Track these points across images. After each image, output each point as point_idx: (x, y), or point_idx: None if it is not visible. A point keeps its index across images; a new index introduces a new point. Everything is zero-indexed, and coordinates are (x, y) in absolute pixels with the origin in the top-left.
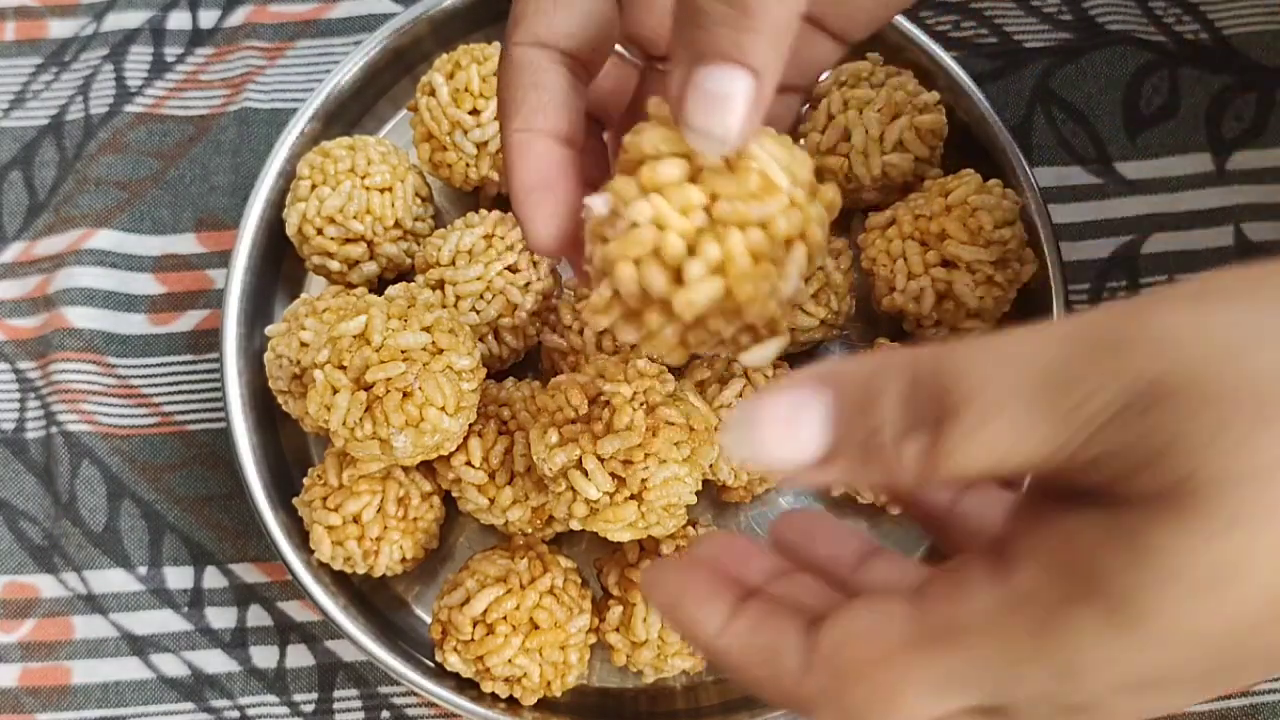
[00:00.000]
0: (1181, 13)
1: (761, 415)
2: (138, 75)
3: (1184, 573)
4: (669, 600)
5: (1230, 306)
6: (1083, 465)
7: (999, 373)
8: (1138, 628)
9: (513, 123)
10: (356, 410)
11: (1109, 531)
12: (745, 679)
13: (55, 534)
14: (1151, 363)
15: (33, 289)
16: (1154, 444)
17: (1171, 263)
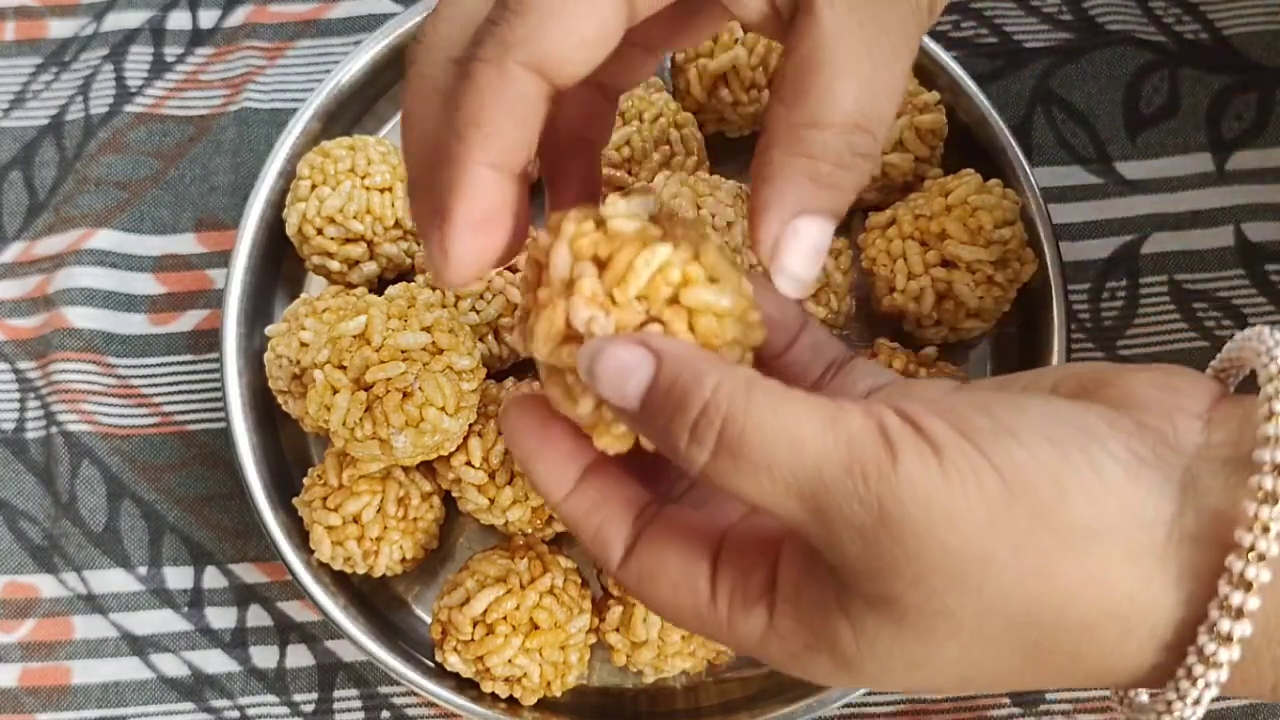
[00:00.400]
0: (1182, 12)
1: (608, 355)
2: (138, 75)
3: (890, 656)
4: (523, 455)
5: (952, 486)
6: (823, 542)
7: (776, 448)
8: (857, 675)
9: (485, 155)
10: (356, 410)
11: (844, 611)
12: (579, 539)
13: (55, 534)
14: (884, 503)
15: (33, 289)
16: (877, 562)
17: (1172, 263)
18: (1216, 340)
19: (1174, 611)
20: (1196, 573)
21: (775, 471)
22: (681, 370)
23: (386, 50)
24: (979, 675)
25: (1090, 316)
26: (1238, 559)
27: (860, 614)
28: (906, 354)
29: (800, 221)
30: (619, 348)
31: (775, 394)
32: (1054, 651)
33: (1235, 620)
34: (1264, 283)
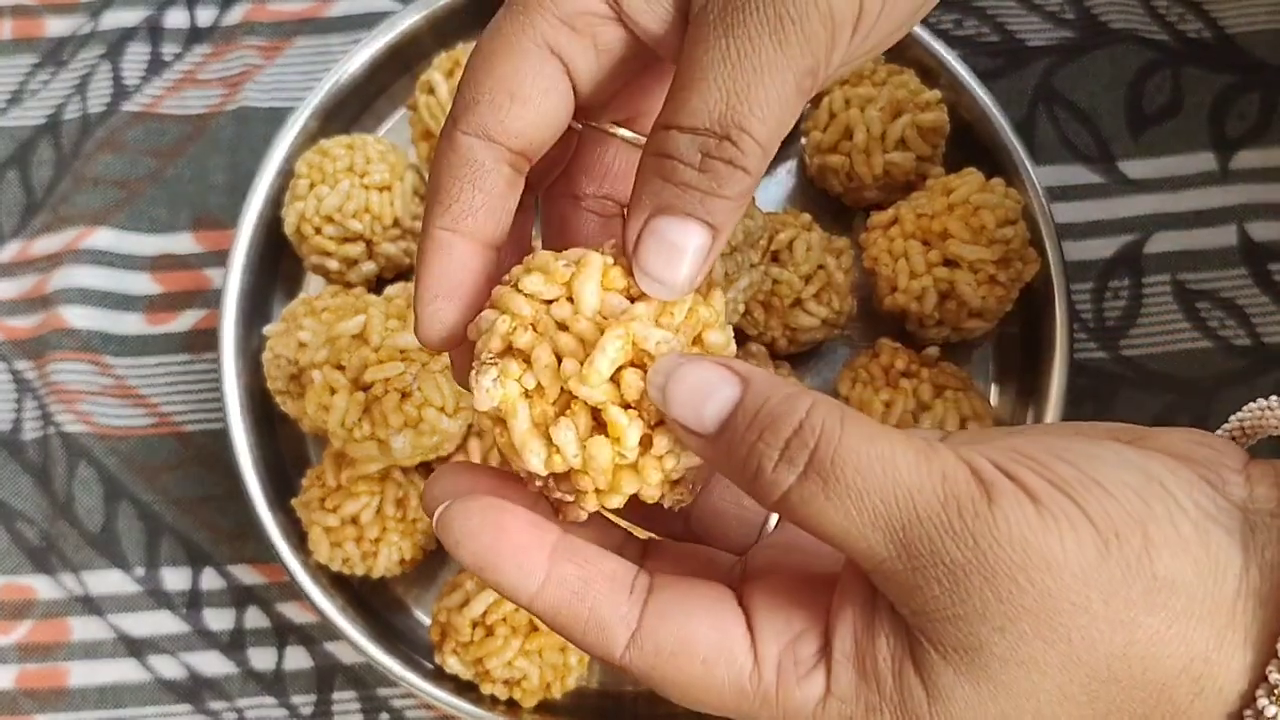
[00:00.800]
0: (1185, 11)
1: (685, 373)
2: (135, 74)
3: (965, 715)
4: (477, 558)
5: (1050, 531)
6: (904, 585)
7: (872, 474)
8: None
9: (439, 219)
10: (355, 410)
11: (917, 666)
12: (570, 640)
13: (52, 535)
14: (980, 540)
15: (29, 289)
16: (963, 607)
17: (1175, 262)
18: (1220, 340)
19: (1241, 675)
20: (1260, 634)
21: (866, 499)
22: (772, 392)
23: (385, 49)
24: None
25: (1093, 316)
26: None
27: (936, 668)
28: (909, 353)
29: (658, 220)
30: (701, 367)
31: (869, 424)
32: (1127, 714)
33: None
34: (1267, 282)
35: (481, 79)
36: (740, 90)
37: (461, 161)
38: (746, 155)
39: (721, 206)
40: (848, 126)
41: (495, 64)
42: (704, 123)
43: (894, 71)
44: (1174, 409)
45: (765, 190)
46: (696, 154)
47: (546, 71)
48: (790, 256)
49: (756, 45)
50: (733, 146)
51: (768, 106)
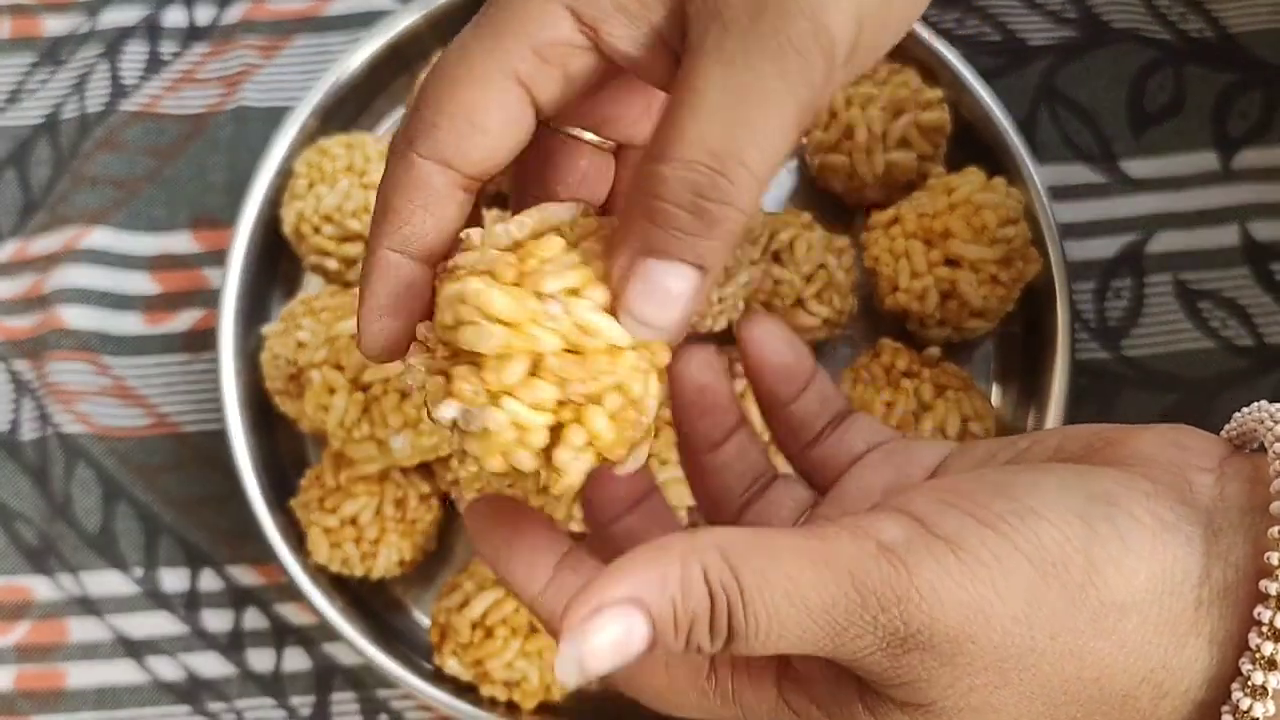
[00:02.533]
0: (1186, 10)
1: (596, 651)
2: (133, 73)
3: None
4: (492, 550)
5: (980, 580)
6: (849, 663)
7: (783, 611)
8: None
9: (386, 239)
10: (354, 411)
11: (870, 710)
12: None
13: (50, 535)
14: (909, 621)
15: (27, 288)
16: (908, 675)
17: (1177, 262)
18: (1221, 340)
19: (1207, 671)
20: (1228, 631)
21: (787, 633)
22: (673, 593)
23: (384, 47)
24: None
25: (1095, 316)
26: (1265, 609)
27: (888, 713)
28: (910, 354)
29: (648, 262)
30: (600, 635)
31: (761, 554)
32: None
33: (1269, 671)
34: (1269, 282)
35: (443, 102)
36: (740, 121)
37: (415, 184)
38: (741, 191)
39: (713, 248)
40: (849, 125)
41: (458, 90)
42: (700, 156)
43: (895, 70)
44: (1176, 409)
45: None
46: (688, 195)
47: (511, 101)
48: (791, 256)
49: (757, 73)
50: (727, 183)
51: (766, 137)
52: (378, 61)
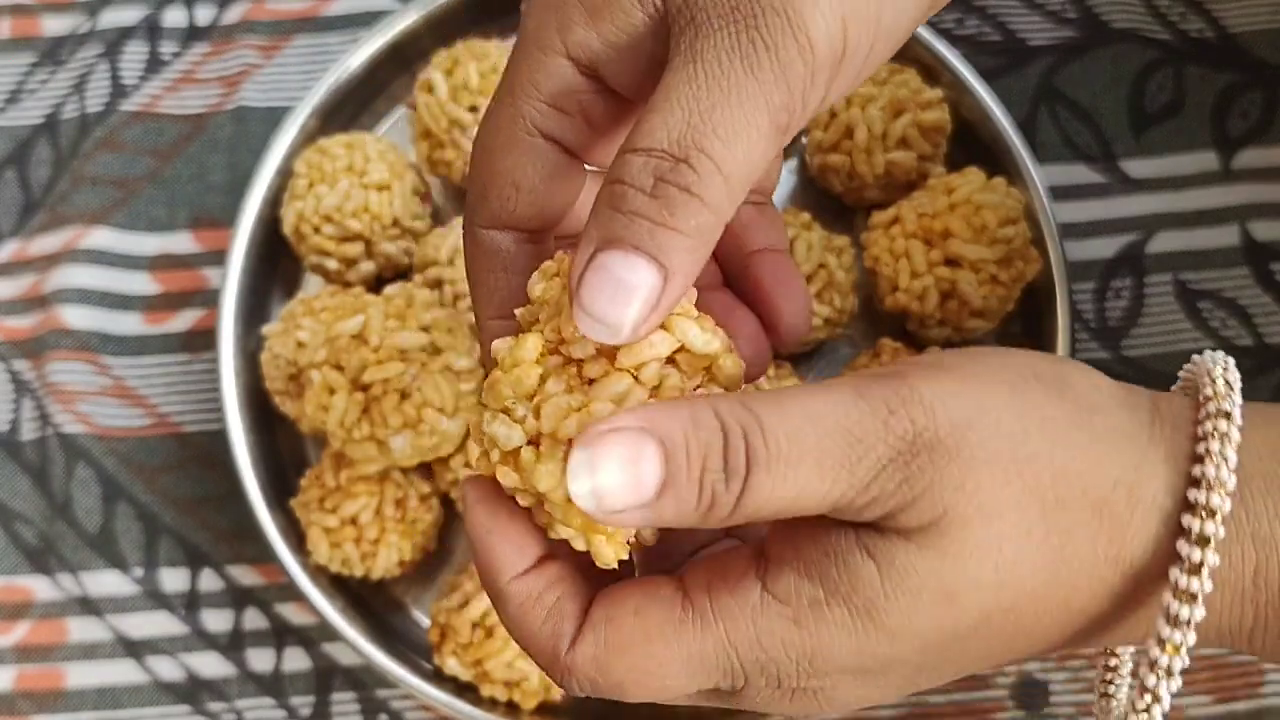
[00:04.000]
0: (1186, 10)
1: (605, 457)
2: (133, 73)
3: (917, 592)
4: (481, 528)
5: (969, 381)
6: (858, 508)
7: (800, 431)
8: (877, 627)
9: (487, 310)
10: (354, 411)
11: (868, 551)
12: (521, 633)
13: (50, 535)
14: (915, 419)
15: (27, 288)
16: (917, 488)
17: (1176, 262)
18: (1221, 340)
19: (1169, 482)
20: (1180, 450)
21: (806, 457)
22: (687, 427)
23: (384, 47)
24: (1014, 592)
25: (1095, 316)
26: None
27: (892, 548)
28: (910, 353)
29: (604, 254)
30: (608, 443)
31: (771, 394)
32: (1079, 539)
33: (1210, 491)
34: (1269, 282)
35: (485, 173)
36: (704, 110)
37: (486, 254)
38: (703, 181)
39: (675, 242)
40: (849, 125)
41: (495, 158)
42: (661, 144)
43: (895, 70)
44: None
45: None
46: (649, 178)
47: (544, 158)
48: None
49: (725, 68)
50: (689, 170)
51: (733, 130)
52: (377, 61)
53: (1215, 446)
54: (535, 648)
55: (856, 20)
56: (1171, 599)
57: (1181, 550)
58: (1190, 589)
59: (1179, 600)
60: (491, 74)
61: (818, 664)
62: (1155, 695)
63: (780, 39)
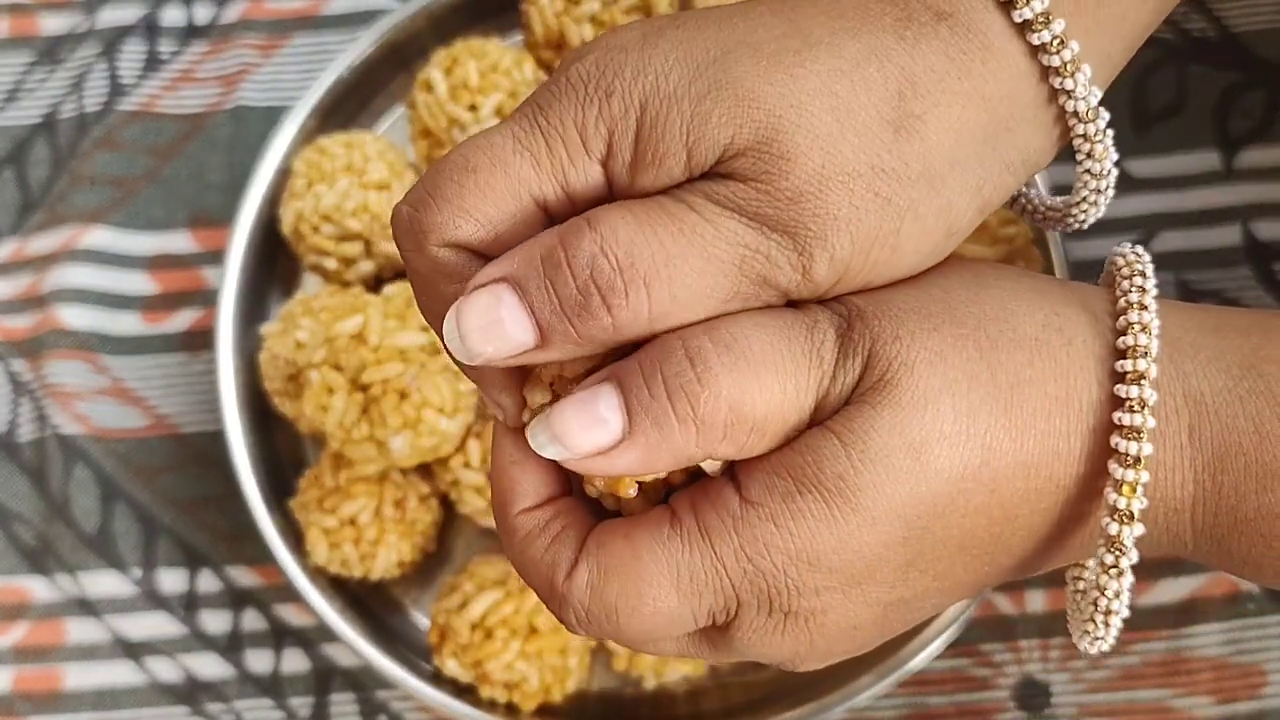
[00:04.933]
0: (1189, 9)
1: (566, 410)
2: (132, 72)
3: (883, 455)
4: (506, 458)
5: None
6: (831, 401)
7: (753, 337)
8: (854, 509)
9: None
10: (353, 411)
11: (828, 428)
12: (522, 563)
13: (49, 536)
14: (846, 304)
15: (25, 288)
16: (862, 350)
17: (1178, 261)
18: None
19: (1091, 328)
20: (1096, 308)
21: (765, 369)
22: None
23: (383, 46)
24: (976, 457)
25: None
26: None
27: (846, 418)
28: None
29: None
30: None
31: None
32: (1024, 381)
33: (1140, 334)
34: (1271, 281)
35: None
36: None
37: (439, 272)
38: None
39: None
40: None
41: (484, 182)
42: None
43: None
44: None
45: None
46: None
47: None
48: None
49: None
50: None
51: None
52: (376, 60)
53: (1135, 298)
54: (536, 578)
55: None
56: (1119, 438)
57: (1120, 392)
58: (1134, 424)
59: (1125, 438)
60: (491, 72)
61: (804, 570)
62: (1120, 546)
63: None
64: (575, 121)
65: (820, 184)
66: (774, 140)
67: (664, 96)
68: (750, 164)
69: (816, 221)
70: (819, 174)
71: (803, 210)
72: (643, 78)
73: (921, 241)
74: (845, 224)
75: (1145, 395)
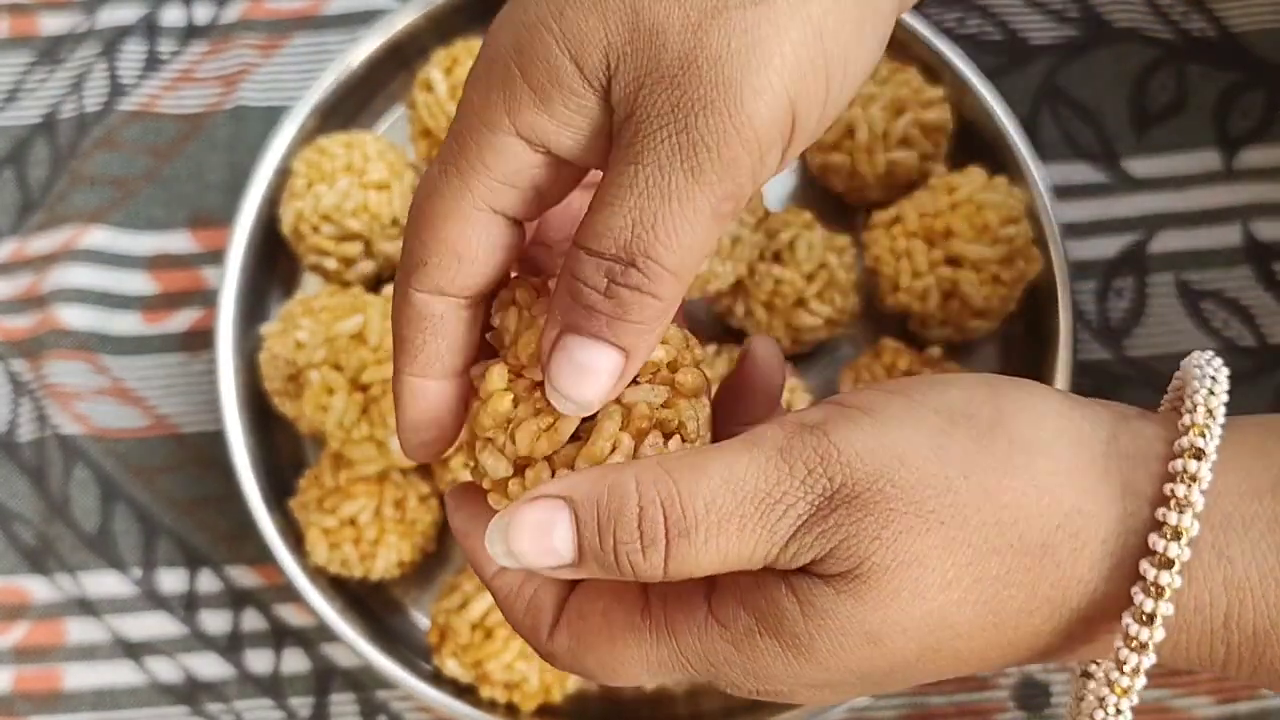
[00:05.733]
0: (1188, 9)
1: (518, 527)
2: (132, 72)
3: (839, 634)
4: (461, 530)
5: (891, 431)
6: (783, 562)
7: (719, 497)
8: (808, 660)
9: (407, 367)
10: (353, 411)
11: (791, 588)
12: (509, 620)
13: (49, 536)
14: (833, 477)
15: (25, 288)
16: (834, 540)
17: (1179, 261)
18: (1224, 340)
19: (1122, 521)
20: (1139, 487)
21: (728, 524)
22: (597, 493)
23: (383, 46)
24: (940, 641)
25: (1096, 316)
26: (1177, 484)
27: (810, 591)
28: (911, 354)
29: (568, 338)
30: (523, 513)
31: (690, 457)
32: (1014, 585)
33: (1180, 512)
34: (1271, 281)
35: (427, 241)
36: (647, 219)
37: (419, 316)
38: (654, 282)
39: (631, 330)
40: (850, 124)
41: (439, 226)
42: (609, 248)
43: (896, 69)
44: None
45: (767, 189)
46: (603, 279)
47: (492, 230)
48: (792, 255)
49: (666, 173)
50: (639, 274)
51: (677, 235)
52: (376, 60)
53: (1182, 490)
54: (521, 633)
55: (805, 99)
56: (1123, 647)
57: (1136, 599)
58: (1141, 639)
59: (1138, 622)
60: None
61: (763, 680)
62: (1118, 710)
63: (722, 137)
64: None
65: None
66: None
67: (529, 26)
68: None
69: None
70: None
71: None
72: (499, 32)
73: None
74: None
75: (1162, 610)
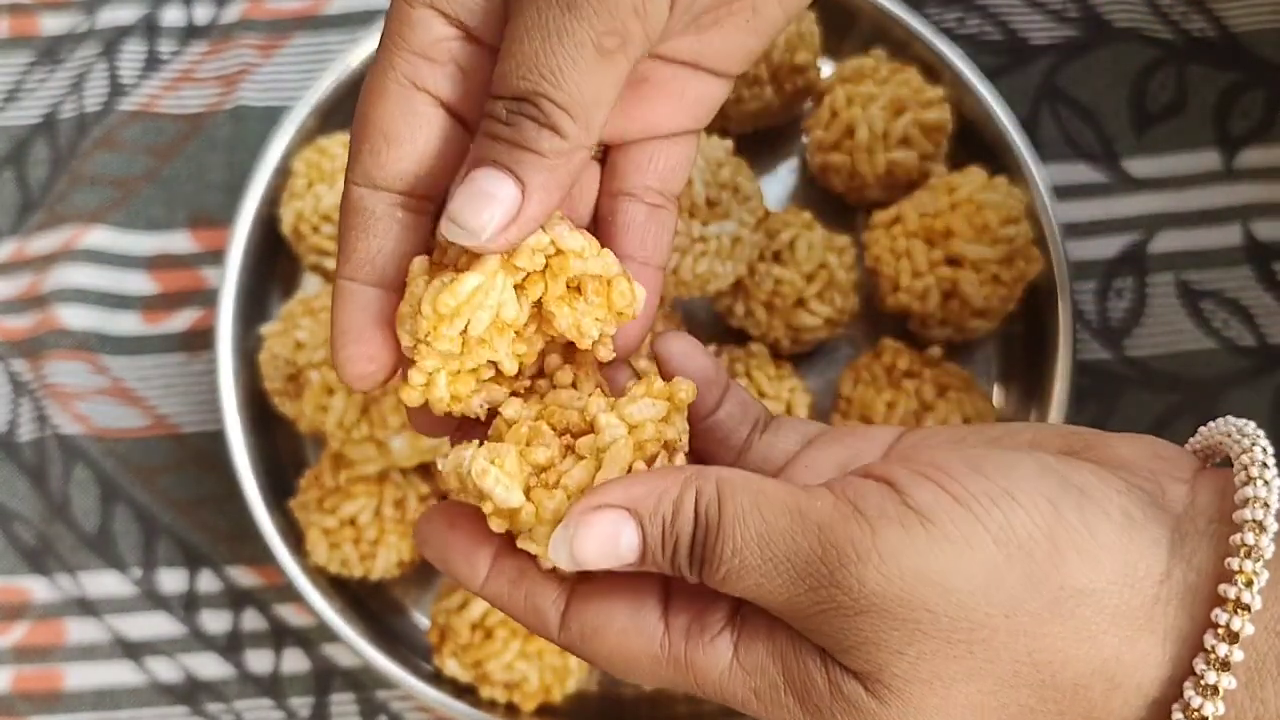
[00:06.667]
0: (1189, 9)
1: (583, 538)
2: (132, 72)
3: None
4: (437, 557)
5: (943, 556)
6: (803, 626)
7: (756, 550)
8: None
9: (340, 268)
10: (353, 411)
11: (824, 668)
12: (514, 618)
13: (49, 536)
14: (866, 584)
15: (25, 288)
16: (858, 638)
17: (1179, 261)
18: (1224, 340)
19: (1160, 669)
20: (1181, 632)
21: (748, 580)
22: (661, 508)
23: None
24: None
25: (1096, 316)
26: (1223, 611)
27: (843, 679)
28: (911, 354)
29: (472, 171)
30: (594, 525)
31: (748, 495)
32: (1040, 713)
33: (1222, 671)
34: (1272, 282)
35: (361, 126)
36: (531, 58)
37: (353, 210)
38: (550, 116)
39: (533, 162)
40: (850, 124)
41: (368, 109)
42: (508, 90)
43: (896, 69)
44: (1178, 410)
45: (767, 189)
46: (503, 113)
47: (416, 108)
48: (792, 255)
49: (543, 13)
50: (533, 108)
51: (562, 70)
52: None
53: (1223, 650)
54: (529, 629)
55: None
56: None
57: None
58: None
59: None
60: None
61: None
62: None
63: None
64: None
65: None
66: None
67: None
68: None
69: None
70: None
71: None
72: None
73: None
74: None
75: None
